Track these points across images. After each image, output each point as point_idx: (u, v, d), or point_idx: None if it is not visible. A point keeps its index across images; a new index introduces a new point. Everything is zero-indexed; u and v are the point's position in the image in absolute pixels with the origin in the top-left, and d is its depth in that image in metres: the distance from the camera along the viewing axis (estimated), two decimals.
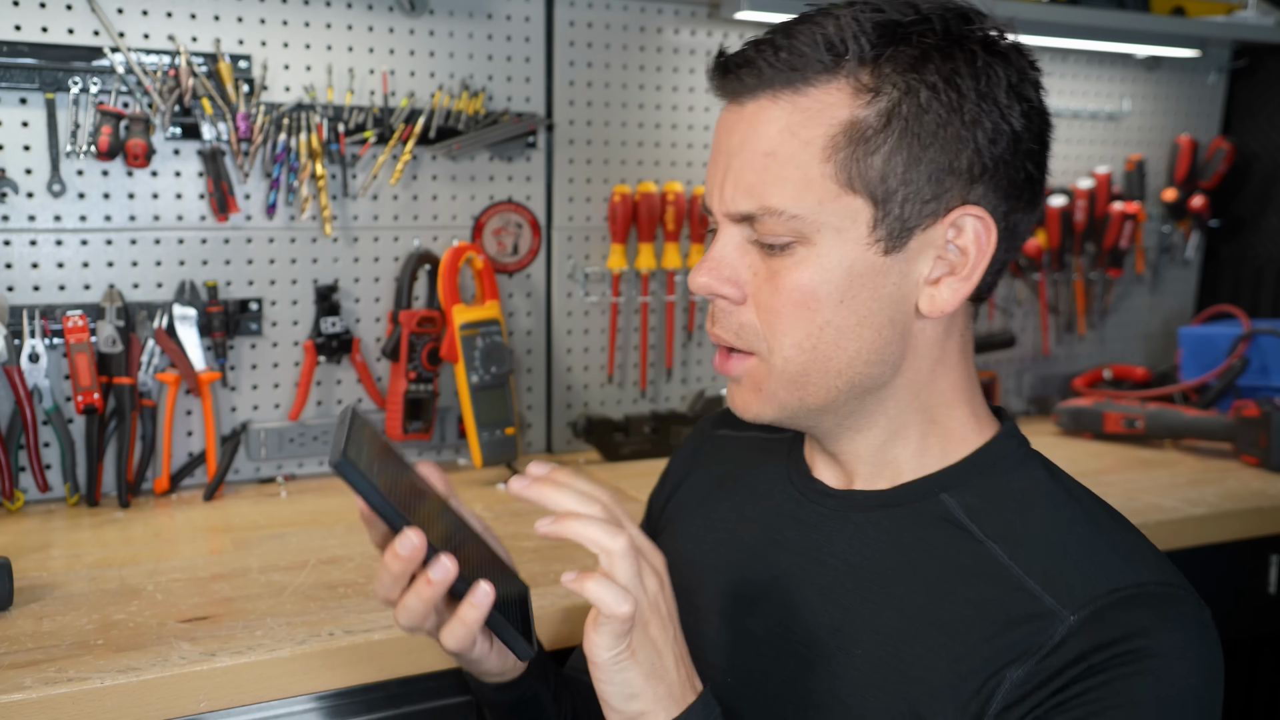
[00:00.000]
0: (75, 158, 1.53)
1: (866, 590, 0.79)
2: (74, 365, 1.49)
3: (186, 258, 1.61)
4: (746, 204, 0.75)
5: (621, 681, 0.69)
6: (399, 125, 1.69)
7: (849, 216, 0.73)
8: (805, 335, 0.75)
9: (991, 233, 0.75)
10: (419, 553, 0.69)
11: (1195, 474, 1.84)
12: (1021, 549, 0.74)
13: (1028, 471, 0.81)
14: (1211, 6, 2.20)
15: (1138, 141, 2.42)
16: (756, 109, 0.75)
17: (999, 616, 0.72)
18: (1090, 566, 0.72)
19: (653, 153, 1.93)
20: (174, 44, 1.55)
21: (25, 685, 0.97)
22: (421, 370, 1.71)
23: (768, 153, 0.73)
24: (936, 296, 0.76)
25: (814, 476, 0.87)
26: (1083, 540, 0.75)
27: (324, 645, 1.09)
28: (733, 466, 0.97)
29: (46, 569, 1.28)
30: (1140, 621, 0.69)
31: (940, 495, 0.80)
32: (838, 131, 0.72)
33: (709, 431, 1.04)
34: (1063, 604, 0.70)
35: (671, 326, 1.97)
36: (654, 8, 1.89)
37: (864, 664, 0.76)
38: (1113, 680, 0.67)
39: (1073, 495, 0.79)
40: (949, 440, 0.81)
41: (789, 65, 0.72)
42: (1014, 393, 2.35)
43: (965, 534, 0.77)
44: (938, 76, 0.72)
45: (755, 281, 0.77)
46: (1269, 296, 2.40)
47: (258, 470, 1.69)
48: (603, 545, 0.68)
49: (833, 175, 0.73)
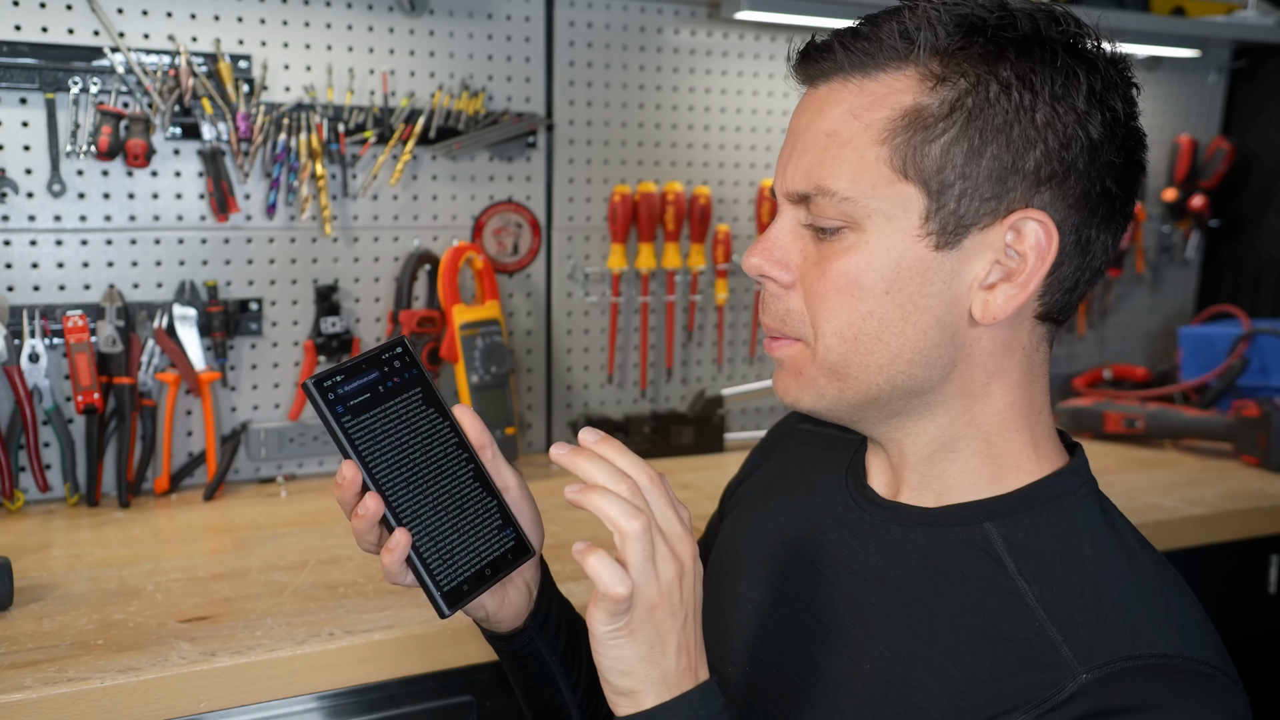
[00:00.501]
0: (75, 158, 1.53)
1: (889, 607, 0.77)
2: (74, 365, 1.49)
3: (186, 258, 1.61)
4: (803, 184, 0.74)
5: (616, 657, 0.69)
6: (399, 125, 1.69)
7: (901, 204, 0.71)
8: (848, 323, 0.74)
9: (1053, 240, 0.71)
10: (348, 484, 0.74)
11: (1195, 474, 1.84)
12: (1053, 594, 0.71)
13: (1083, 513, 0.76)
14: (1211, 6, 2.20)
15: None
16: (827, 92, 0.75)
17: (1012, 659, 0.69)
18: (1118, 626, 0.68)
19: (653, 153, 1.93)
20: (174, 44, 1.56)
21: (25, 685, 0.97)
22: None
23: (829, 133, 0.73)
24: (990, 302, 0.72)
25: (867, 483, 0.86)
26: (1120, 596, 0.70)
27: (324, 645, 1.09)
28: (802, 461, 0.96)
29: (46, 569, 1.28)
30: (1156, 695, 0.64)
31: (984, 524, 0.76)
32: (898, 116, 0.71)
33: (792, 423, 1.03)
34: (1079, 659, 0.67)
35: (671, 326, 1.97)
36: (654, 8, 1.89)
37: (869, 680, 0.75)
38: None
39: (1124, 546, 0.74)
40: (1002, 466, 0.78)
41: (863, 50, 0.72)
42: None
43: (1000, 568, 0.74)
44: (1011, 73, 0.70)
45: (805, 265, 0.76)
46: (1269, 296, 2.40)
47: (258, 470, 1.69)
48: (618, 524, 0.68)
49: (887, 159, 0.71)
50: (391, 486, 0.75)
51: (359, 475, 0.74)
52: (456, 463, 0.78)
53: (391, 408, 0.76)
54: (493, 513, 0.79)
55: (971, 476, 0.78)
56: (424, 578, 0.74)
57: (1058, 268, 0.72)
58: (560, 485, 1.82)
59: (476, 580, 0.76)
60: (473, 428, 0.81)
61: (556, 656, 0.91)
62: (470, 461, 0.79)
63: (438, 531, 0.75)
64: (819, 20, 1.77)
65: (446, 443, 0.78)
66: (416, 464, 0.76)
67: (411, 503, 0.75)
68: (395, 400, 0.77)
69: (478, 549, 0.77)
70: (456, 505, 0.77)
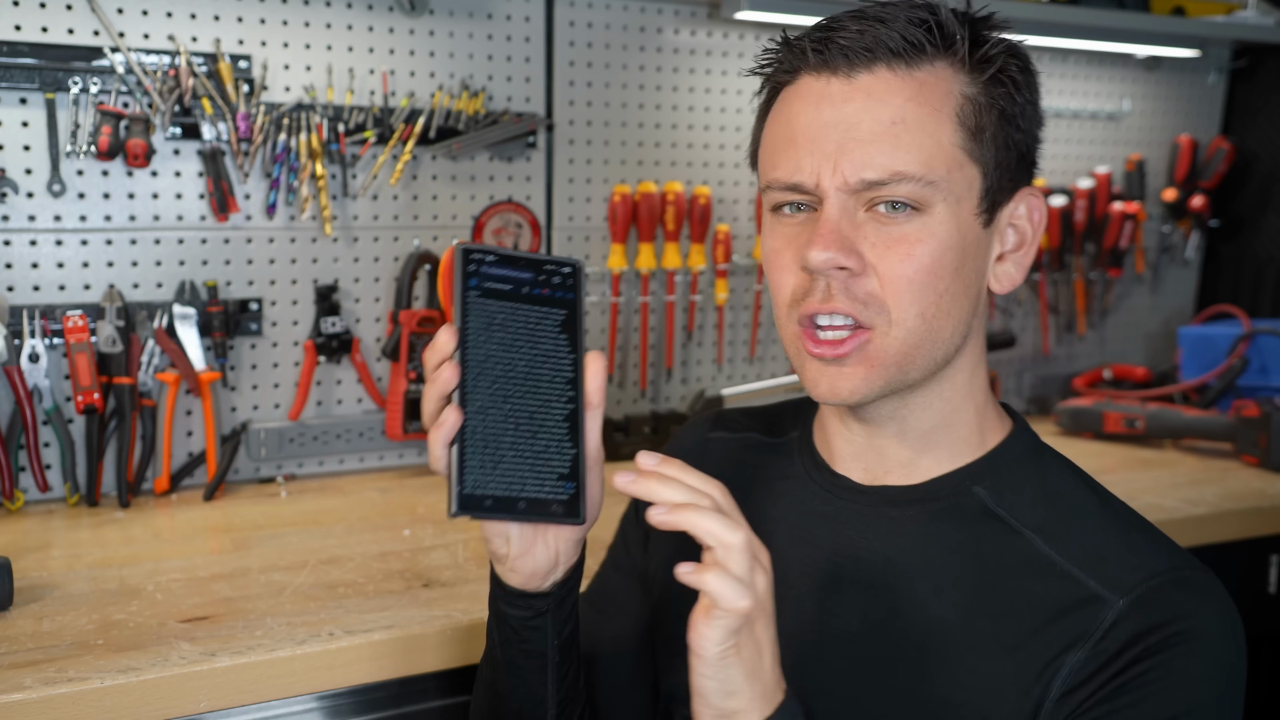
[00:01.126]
0: (75, 158, 1.53)
1: (911, 584, 0.79)
2: (74, 365, 1.49)
3: (186, 258, 1.61)
4: (874, 172, 0.75)
5: (724, 678, 0.68)
6: (399, 125, 1.69)
7: (967, 185, 0.77)
8: (929, 304, 0.76)
9: (1044, 211, 0.82)
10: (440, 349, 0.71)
11: (1195, 474, 1.84)
12: (1059, 540, 0.78)
13: (1049, 463, 0.84)
14: (1211, 6, 2.20)
15: (1138, 141, 2.42)
16: (873, 80, 0.76)
17: (1049, 605, 0.75)
18: (1128, 553, 0.77)
19: (653, 153, 1.93)
20: (174, 44, 1.55)
21: (25, 685, 0.97)
22: (422, 370, 1.71)
23: (896, 121, 0.75)
24: (1002, 274, 0.82)
25: (837, 472, 0.87)
26: (1112, 528, 0.79)
27: (324, 645, 1.09)
28: (737, 469, 0.95)
29: (46, 569, 1.28)
30: (1184, 604, 0.74)
31: (973, 489, 0.82)
32: (960, 104, 0.77)
33: (702, 435, 1.02)
34: (1110, 589, 0.74)
35: (671, 326, 1.97)
36: (654, 8, 1.89)
37: (917, 656, 0.77)
38: (1168, 660, 0.71)
39: (1091, 487, 0.83)
40: (984, 431, 0.84)
41: (908, 41, 0.76)
42: (1014, 393, 2.35)
43: (1004, 526, 0.80)
44: (1016, 68, 0.79)
45: (874, 251, 0.76)
46: (1269, 296, 2.40)
47: (258, 470, 1.69)
48: (721, 538, 0.67)
49: (960, 144, 0.76)
50: (477, 374, 0.71)
51: (453, 342, 0.71)
52: (558, 395, 0.74)
53: (524, 311, 0.73)
54: (565, 458, 0.73)
55: (961, 446, 0.83)
56: (453, 467, 0.70)
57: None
58: None
59: (504, 504, 0.71)
60: (595, 379, 0.76)
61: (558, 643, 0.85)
62: (572, 402, 0.74)
63: (497, 438, 0.71)
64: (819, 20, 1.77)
65: (559, 372, 0.74)
66: (516, 371, 0.72)
67: (488, 398, 0.71)
68: (533, 307, 0.73)
69: (526, 479, 0.72)
70: (531, 429, 0.72)
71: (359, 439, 1.74)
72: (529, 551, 0.78)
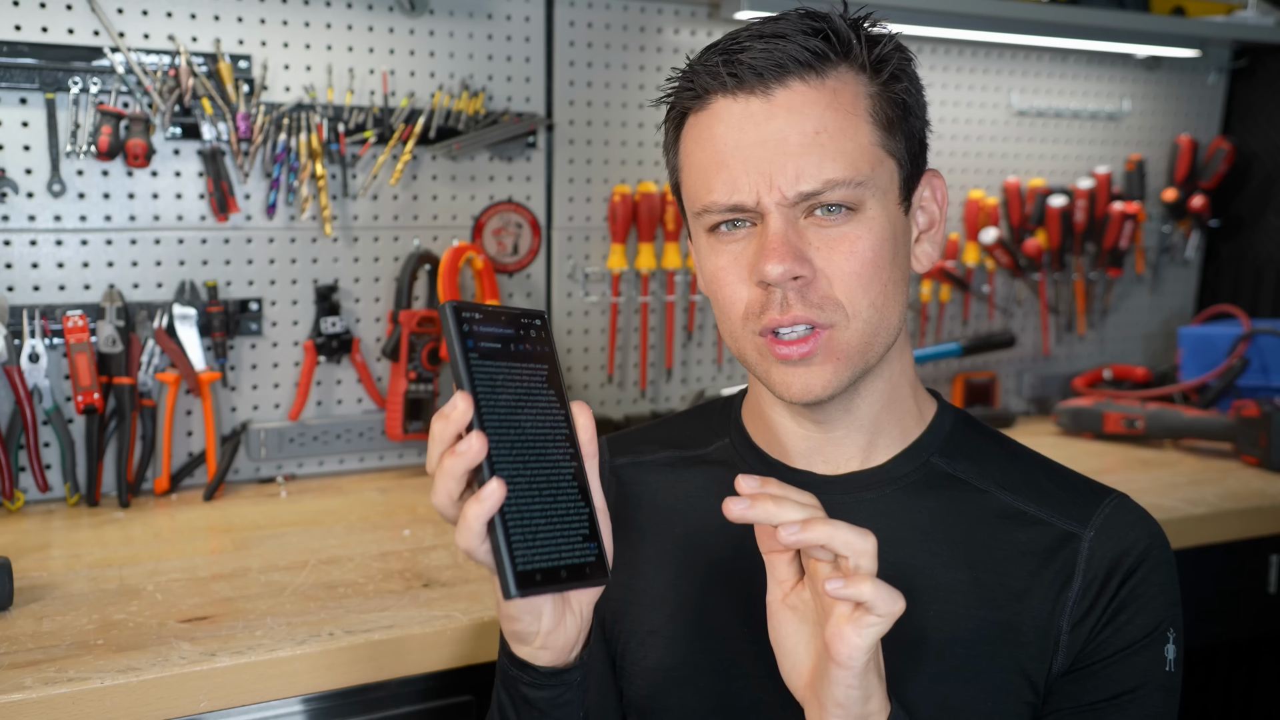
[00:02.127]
0: (75, 158, 1.53)
1: (910, 557, 0.84)
2: (74, 365, 1.49)
3: (186, 258, 1.61)
4: (810, 183, 0.78)
5: (865, 684, 0.69)
6: (399, 125, 1.69)
7: (889, 178, 0.82)
8: (876, 293, 0.81)
9: (945, 189, 0.88)
10: (459, 417, 0.67)
11: (1195, 474, 1.84)
12: (1015, 489, 0.87)
13: (976, 427, 0.93)
14: (1211, 6, 2.20)
15: (1138, 141, 2.42)
16: (789, 96, 0.79)
17: (1034, 549, 0.84)
18: (1074, 490, 0.87)
19: (653, 153, 1.93)
20: (174, 44, 1.56)
21: (25, 685, 0.97)
22: (421, 370, 1.71)
23: (818, 130, 0.78)
24: (921, 254, 0.88)
25: (798, 469, 0.89)
26: (1052, 472, 0.89)
27: (324, 645, 1.09)
28: (672, 488, 0.94)
29: (46, 569, 1.28)
30: (1136, 524, 0.85)
31: (930, 459, 0.88)
32: (870, 104, 0.81)
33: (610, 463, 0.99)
34: (1077, 522, 0.85)
35: (671, 326, 1.97)
36: (654, 8, 1.89)
37: (940, 622, 0.83)
38: (1147, 575, 0.83)
39: (1012, 441, 0.93)
40: (920, 405, 0.91)
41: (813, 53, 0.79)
42: (1014, 393, 2.35)
43: (969, 487, 0.87)
44: (904, 63, 0.83)
45: (821, 254, 0.80)
46: (1269, 296, 2.40)
47: (258, 470, 1.69)
48: (855, 546, 0.68)
49: (877, 142, 0.81)
50: (496, 439, 0.67)
51: (471, 410, 0.67)
52: (562, 453, 0.72)
53: (516, 369, 0.71)
54: (583, 518, 0.71)
55: (905, 424, 0.89)
56: (501, 547, 0.66)
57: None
58: None
59: (551, 576, 0.68)
60: (587, 430, 0.74)
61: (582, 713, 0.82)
62: (574, 459, 0.72)
63: (528, 508, 0.68)
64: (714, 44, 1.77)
65: (557, 429, 0.72)
66: (524, 434, 0.70)
67: (511, 466, 0.68)
68: (522, 364, 0.71)
69: (560, 546, 0.69)
70: (551, 493, 0.70)
71: (359, 439, 1.74)
72: (560, 624, 0.75)
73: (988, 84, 2.22)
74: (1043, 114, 2.29)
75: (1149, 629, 0.83)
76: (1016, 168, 2.29)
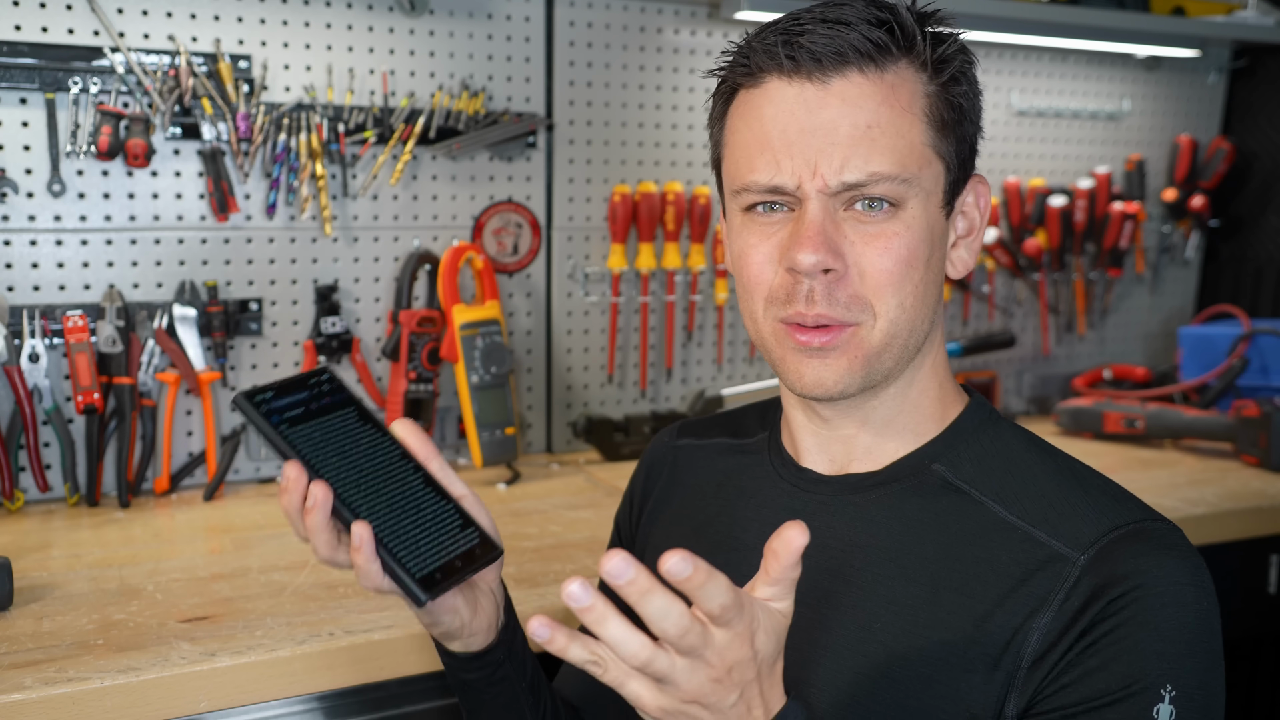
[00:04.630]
0: (75, 158, 1.53)
1: (876, 566, 0.80)
2: (74, 365, 1.49)
3: (186, 258, 1.61)
4: (854, 174, 0.77)
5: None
6: (399, 125, 1.69)
7: (934, 180, 0.80)
8: (907, 295, 0.79)
9: (989, 198, 0.86)
10: (295, 483, 0.72)
11: (1195, 474, 1.84)
12: (1019, 503, 0.79)
13: (1004, 431, 0.86)
14: (1211, 6, 2.20)
15: (1138, 141, 2.42)
16: (846, 85, 0.77)
17: (1013, 570, 0.76)
18: (1086, 510, 0.77)
19: (653, 153, 1.93)
20: (174, 44, 1.56)
21: (25, 685, 0.97)
22: (421, 370, 1.71)
23: (871, 124, 0.77)
24: (957, 259, 0.85)
25: (803, 466, 0.89)
26: (1071, 488, 0.80)
27: (324, 645, 1.09)
28: (710, 474, 0.97)
29: (46, 569, 1.28)
30: (1147, 554, 0.73)
31: (932, 465, 0.84)
32: (926, 104, 0.79)
33: (669, 444, 1.04)
34: (1070, 547, 0.75)
35: (671, 326, 1.97)
36: (654, 8, 1.89)
37: (885, 637, 0.78)
38: (1135, 615, 0.70)
39: (1047, 450, 0.85)
40: (945, 407, 0.87)
41: (875, 44, 0.77)
42: (1014, 393, 2.35)
43: (964, 497, 0.81)
44: (966, 66, 0.82)
45: (855, 249, 0.78)
46: (1269, 296, 2.40)
47: (258, 470, 1.69)
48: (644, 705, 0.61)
49: (929, 142, 0.79)
50: (340, 485, 0.74)
51: (303, 473, 0.72)
52: (404, 471, 0.78)
53: (328, 422, 0.77)
54: (451, 513, 0.78)
55: (921, 426, 0.85)
56: (395, 568, 0.72)
57: None
58: (560, 486, 1.81)
59: (449, 570, 0.74)
60: (414, 440, 0.79)
61: (525, 683, 0.87)
62: (418, 470, 0.78)
63: (399, 527, 0.74)
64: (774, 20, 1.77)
65: (391, 455, 0.78)
66: (364, 471, 0.76)
67: (365, 501, 0.74)
68: (330, 415, 0.77)
69: (443, 543, 0.76)
70: (413, 507, 0.76)
71: None
72: (478, 608, 0.80)
73: (988, 84, 2.22)
74: (1043, 114, 2.29)
75: (1127, 681, 0.69)
76: (1016, 168, 2.29)
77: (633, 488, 1.05)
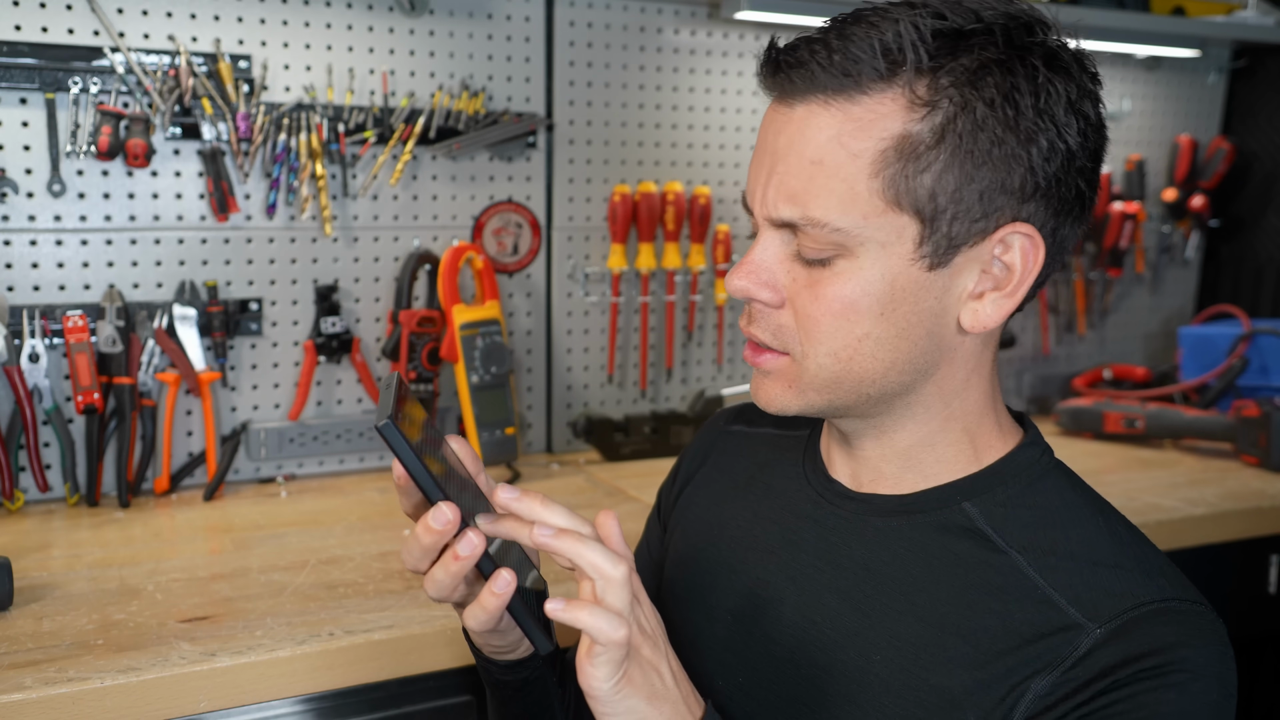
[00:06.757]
0: (75, 158, 1.53)
1: (886, 596, 0.78)
2: (74, 365, 1.49)
3: (186, 258, 1.61)
4: (789, 211, 0.73)
5: (626, 710, 0.68)
6: (399, 125, 1.69)
7: (894, 232, 0.71)
8: (842, 345, 0.74)
9: (1040, 250, 0.73)
10: (451, 526, 0.68)
11: (1195, 474, 1.84)
12: (1045, 561, 0.74)
13: (1050, 481, 0.80)
14: (1211, 6, 2.20)
15: (1138, 141, 2.42)
16: (806, 113, 0.72)
17: (1024, 629, 0.72)
18: (1115, 581, 0.72)
19: (653, 153, 1.93)
20: (174, 44, 1.55)
21: (25, 685, 0.97)
22: (421, 370, 1.71)
23: (815, 161, 0.71)
24: (980, 312, 0.75)
25: (831, 476, 0.87)
26: (1106, 554, 0.74)
27: (324, 645, 1.09)
28: (747, 463, 0.96)
29: (46, 569, 1.28)
30: (1166, 637, 0.69)
31: (962, 504, 0.79)
32: (889, 146, 0.69)
33: (721, 427, 1.03)
34: (1088, 617, 0.70)
35: (671, 326, 1.97)
36: (654, 8, 1.89)
37: (883, 670, 0.76)
38: (1137, 694, 0.67)
39: (1095, 507, 0.79)
40: (978, 448, 0.81)
41: (843, 70, 0.69)
42: (1014, 393, 2.35)
43: (988, 544, 0.76)
44: (996, 92, 0.69)
45: (794, 287, 0.75)
46: (1269, 296, 2.40)
47: (258, 470, 1.69)
48: (603, 571, 0.67)
49: (880, 191, 0.70)
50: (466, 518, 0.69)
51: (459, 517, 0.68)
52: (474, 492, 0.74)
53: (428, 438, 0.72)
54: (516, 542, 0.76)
55: (950, 464, 0.80)
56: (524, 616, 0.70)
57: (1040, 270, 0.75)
58: (560, 487, 1.81)
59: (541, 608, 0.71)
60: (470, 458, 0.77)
61: (555, 678, 0.89)
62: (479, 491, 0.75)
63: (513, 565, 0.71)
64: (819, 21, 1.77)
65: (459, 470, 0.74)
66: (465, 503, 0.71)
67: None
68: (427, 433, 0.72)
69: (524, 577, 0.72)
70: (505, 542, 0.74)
71: (359, 439, 1.74)
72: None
73: None
74: None
75: None
76: None
77: (680, 463, 1.05)
